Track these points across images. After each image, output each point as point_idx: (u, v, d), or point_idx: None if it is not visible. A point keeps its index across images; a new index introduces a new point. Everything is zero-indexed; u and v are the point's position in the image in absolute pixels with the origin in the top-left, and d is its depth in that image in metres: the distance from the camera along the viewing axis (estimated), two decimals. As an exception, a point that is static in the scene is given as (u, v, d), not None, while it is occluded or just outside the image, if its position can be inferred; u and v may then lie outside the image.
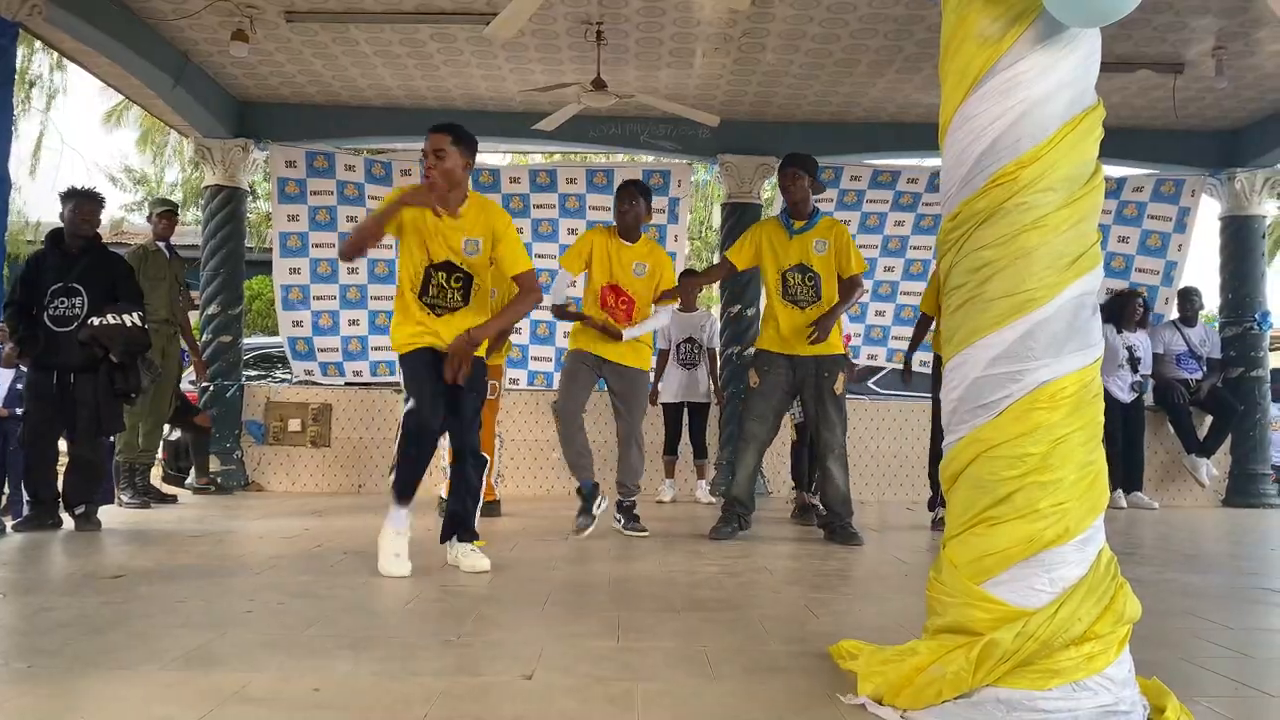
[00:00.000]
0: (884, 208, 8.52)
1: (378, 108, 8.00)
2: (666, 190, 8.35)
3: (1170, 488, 8.15)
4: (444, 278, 3.90)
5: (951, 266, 2.17)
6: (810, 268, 5.03)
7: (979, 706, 1.97)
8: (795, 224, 5.09)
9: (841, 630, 2.81)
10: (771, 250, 5.10)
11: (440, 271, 3.89)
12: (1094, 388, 2.06)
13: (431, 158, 3.84)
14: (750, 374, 5.21)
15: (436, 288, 3.90)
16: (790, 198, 5.09)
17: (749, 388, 5.20)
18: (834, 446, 5.02)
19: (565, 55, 6.85)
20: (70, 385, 5.09)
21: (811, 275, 5.04)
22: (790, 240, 5.07)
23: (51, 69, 17.53)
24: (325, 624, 2.91)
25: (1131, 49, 6.55)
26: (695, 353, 7.21)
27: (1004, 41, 2.05)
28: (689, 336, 7.22)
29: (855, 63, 6.94)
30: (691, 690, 2.28)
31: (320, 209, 8.08)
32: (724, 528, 5.03)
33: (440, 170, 3.84)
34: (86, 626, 2.80)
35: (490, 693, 2.21)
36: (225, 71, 7.42)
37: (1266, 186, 8.30)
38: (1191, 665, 2.60)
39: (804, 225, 5.08)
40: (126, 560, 4.16)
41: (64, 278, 5.11)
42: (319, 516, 5.92)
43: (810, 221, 5.09)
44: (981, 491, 2.07)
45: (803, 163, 5.10)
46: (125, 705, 2.06)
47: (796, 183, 5.05)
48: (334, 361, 8.25)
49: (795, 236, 5.07)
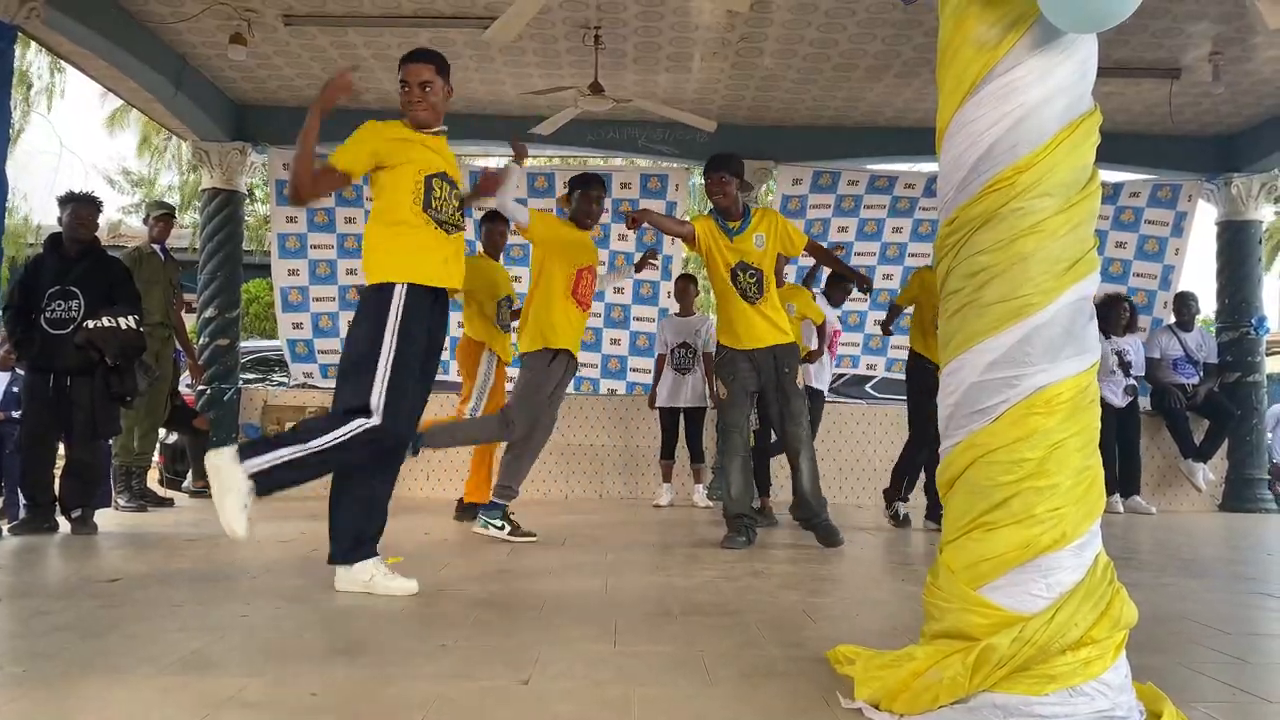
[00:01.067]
0: (881, 214, 8.54)
1: (375, 111, 7.96)
2: (664, 194, 8.36)
3: (1167, 492, 8.16)
4: (444, 188, 3.59)
5: (948, 271, 2.17)
6: (751, 265, 4.99)
7: (976, 712, 1.97)
8: (730, 224, 5.03)
9: (838, 635, 2.81)
10: (717, 248, 5.01)
11: (439, 180, 3.58)
12: (1090, 393, 2.06)
13: (416, 90, 3.57)
14: (719, 386, 5.17)
15: (440, 201, 3.57)
16: (720, 204, 5.04)
17: (720, 400, 5.17)
18: (804, 441, 5.01)
19: (563, 59, 6.86)
20: (66, 388, 5.09)
21: (753, 272, 5.00)
22: (731, 242, 5.01)
23: (52, 70, 17.55)
24: (322, 628, 2.91)
25: (1129, 54, 6.57)
26: (690, 358, 7.19)
27: (1001, 47, 2.06)
28: (684, 341, 7.19)
29: (853, 67, 6.96)
30: (688, 695, 2.28)
31: (319, 210, 8.10)
32: (737, 537, 4.94)
33: (427, 104, 3.59)
34: (82, 630, 2.79)
35: (487, 698, 2.21)
36: (223, 75, 7.43)
37: (1263, 191, 8.33)
38: (1188, 670, 2.60)
39: (739, 225, 5.02)
40: (123, 564, 4.15)
41: (61, 281, 5.11)
42: (316, 520, 5.89)
43: (745, 221, 5.03)
44: (978, 496, 2.07)
45: (727, 164, 5.03)
46: (121, 709, 2.06)
47: (724, 188, 4.99)
48: (334, 363, 8.24)
49: (735, 238, 5.01)
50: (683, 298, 7.41)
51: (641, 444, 7.99)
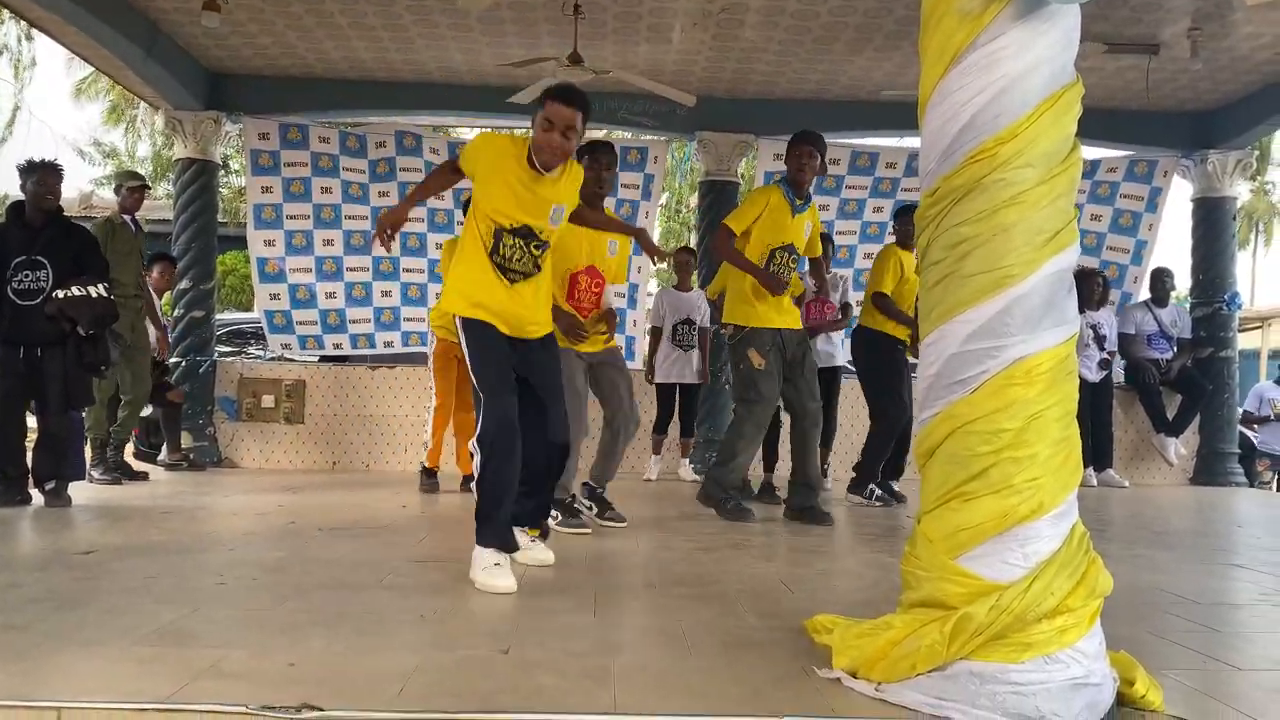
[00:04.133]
0: (863, 194, 8.54)
1: (352, 81, 7.91)
2: (644, 167, 8.32)
3: (1140, 466, 8.25)
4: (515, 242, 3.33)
5: (930, 242, 2.17)
6: (796, 250, 4.96)
7: (953, 679, 1.99)
8: (798, 201, 4.91)
9: (816, 605, 2.83)
10: (772, 223, 4.84)
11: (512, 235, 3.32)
12: (1069, 364, 2.07)
13: (558, 136, 3.27)
14: (751, 354, 4.86)
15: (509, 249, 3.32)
16: (799, 179, 4.87)
17: (753, 369, 4.85)
18: (819, 422, 5.03)
19: (542, 29, 6.79)
20: (38, 359, 5.02)
21: (796, 257, 4.98)
22: (792, 220, 4.88)
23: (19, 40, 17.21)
24: (300, 599, 2.90)
25: (1109, 29, 6.56)
26: (691, 333, 7.05)
27: (985, 16, 2.05)
28: (686, 317, 7.05)
29: (834, 40, 6.92)
30: (668, 664, 2.29)
31: (294, 180, 7.99)
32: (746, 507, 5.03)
33: (564, 151, 3.32)
34: (57, 602, 2.77)
35: (466, 667, 2.21)
36: (197, 43, 7.30)
37: (1238, 168, 8.39)
38: (1160, 639, 2.64)
39: (803, 205, 4.94)
40: (97, 536, 4.11)
41: (28, 251, 5.02)
42: (293, 493, 5.89)
43: (807, 202, 4.98)
44: (957, 467, 2.08)
45: (819, 141, 4.93)
46: (98, 681, 2.04)
47: (811, 163, 4.87)
48: (313, 334, 8.18)
49: (797, 216, 4.90)
50: (682, 271, 7.29)
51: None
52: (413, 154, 8.14)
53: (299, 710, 1.87)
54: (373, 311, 8.34)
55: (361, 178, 8.13)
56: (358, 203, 8.16)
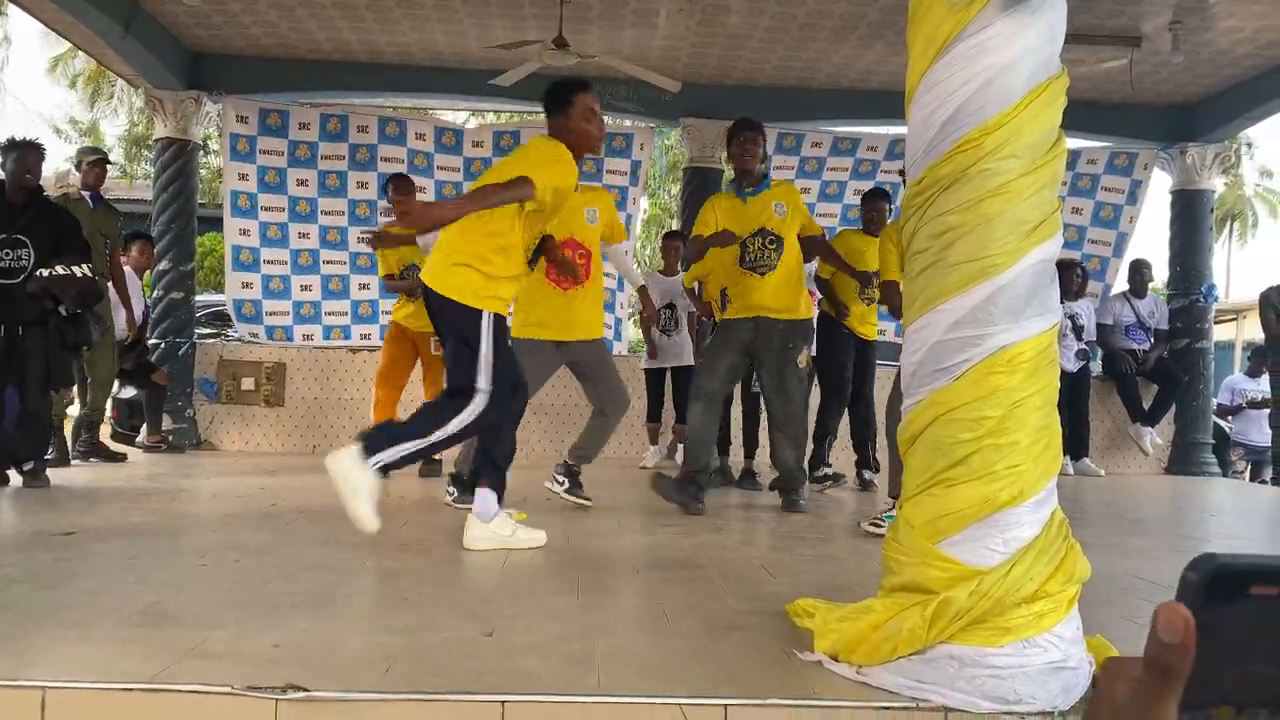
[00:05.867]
0: (844, 176, 8.55)
1: (335, 62, 7.84)
2: (629, 153, 8.30)
3: (1115, 455, 8.34)
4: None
5: (915, 231, 2.19)
6: (771, 231, 4.83)
7: (933, 663, 2.02)
8: (746, 188, 4.87)
9: (798, 589, 2.85)
10: (730, 221, 4.82)
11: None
12: (1051, 353, 2.10)
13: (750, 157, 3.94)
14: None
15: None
16: (746, 165, 4.84)
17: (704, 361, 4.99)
18: (788, 422, 4.80)
19: (528, 12, 6.75)
20: (18, 338, 4.97)
21: (774, 239, 4.84)
22: (745, 205, 4.84)
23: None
24: (283, 581, 2.90)
25: (1091, 21, 6.60)
26: (673, 318, 6.93)
27: (972, 8, 2.06)
28: (670, 302, 6.89)
29: (819, 28, 6.93)
30: (651, 647, 2.31)
31: (269, 170, 7.87)
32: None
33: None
34: (37, 583, 2.76)
35: (451, 650, 2.22)
36: (178, 20, 7.21)
37: (1216, 161, 8.45)
38: (1134, 624, 2.68)
39: (755, 189, 4.87)
40: (77, 517, 4.09)
41: (8, 229, 4.97)
42: (274, 476, 5.87)
43: (762, 185, 4.90)
44: (939, 454, 2.10)
45: (759, 128, 4.91)
46: (81, 662, 2.04)
47: (754, 148, 4.84)
48: (282, 325, 8.05)
49: (750, 199, 4.84)
50: (668, 255, 7.18)
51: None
52: (395, 142, 8.01)
53: (284, 691, 1.88)
54: (350, 304, 8.24)
55: (340, 165, 7.97)
56: (335, 195, 8.01)
